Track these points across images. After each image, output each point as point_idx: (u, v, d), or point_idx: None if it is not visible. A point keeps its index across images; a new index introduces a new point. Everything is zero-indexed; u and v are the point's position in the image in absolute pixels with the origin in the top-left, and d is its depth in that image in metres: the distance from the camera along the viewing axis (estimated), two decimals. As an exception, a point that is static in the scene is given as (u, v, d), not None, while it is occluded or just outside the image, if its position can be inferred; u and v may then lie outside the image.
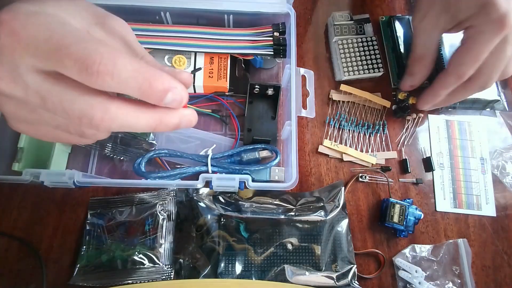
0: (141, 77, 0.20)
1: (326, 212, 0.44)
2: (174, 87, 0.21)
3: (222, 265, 0.41)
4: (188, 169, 0.41)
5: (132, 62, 0.20)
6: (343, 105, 0.50)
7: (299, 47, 0.52)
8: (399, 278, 0.43)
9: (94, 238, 0.41)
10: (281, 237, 0.43)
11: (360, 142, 0.49)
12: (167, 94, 0.21)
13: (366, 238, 0.45)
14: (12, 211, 0.43)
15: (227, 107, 0.47)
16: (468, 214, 0.47)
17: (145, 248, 0.41)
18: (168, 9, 0.44)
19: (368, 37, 0.51)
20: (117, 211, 0.43)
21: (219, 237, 0.42)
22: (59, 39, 0.20)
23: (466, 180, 0.48)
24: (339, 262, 0.42)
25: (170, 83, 0.21)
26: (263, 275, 0.41)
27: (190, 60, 0.45)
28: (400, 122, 0.50)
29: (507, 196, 0.48)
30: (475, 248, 0.45)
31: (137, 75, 0.20)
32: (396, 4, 0.56)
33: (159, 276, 0.40)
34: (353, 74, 0.50)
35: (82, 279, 0.40)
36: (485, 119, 0.51)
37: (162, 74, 0.21)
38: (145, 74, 0.20)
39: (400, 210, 0.44)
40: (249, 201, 0.44)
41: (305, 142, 0.48)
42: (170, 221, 0.42)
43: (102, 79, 0.19)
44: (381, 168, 0.48)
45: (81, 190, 0.44)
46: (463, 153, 0.50)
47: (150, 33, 0.44)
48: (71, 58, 0.19)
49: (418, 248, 0.44)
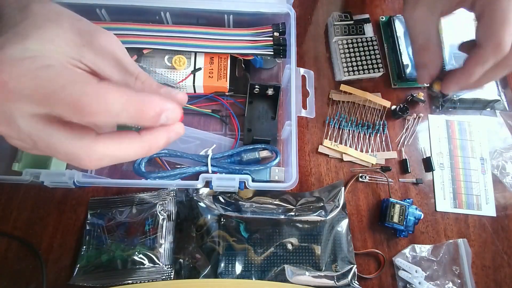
0: (132, 107, 0.20)
1: (326, 212, 0.44)
2: (166, 109, 0.22)
3: (222, 265, 0.41)
4: (188, 169, 0.41)
5: (122, 94, 0.20)
6: (343, 105, 0.50)
7: (299, 47, 0.52)
8: (399, 278, 0.43)
9: (94, 238, 0.41)
10: (281, 237, 0.43)
11: (360, 142, 0.49)
12: (160, 117, 0.21)
13: (366, 238, 0.45)
14: (12, 211, 0.43)
15: (227, 107, 0.47)
16: (468, 214, 0.47)
17: (145, 248, 0.41)
18: (168, 9, 0.44)
19: (368, 37, 0.51)
20: (117, 211, 0.43)
21: (219, 237, 0.42)
22: (47, 86, 0.20)
23: (466, 180, 0.48)
24: (339, 262, 0.42)
25: (162, 107, 0.21)
26: (263, 275, 0.41)
27: (190, 60, 0.45)
28: (400, 122, 0.50)
29: (507, 196, 0.48)
30: (475, 248, 0.45)
31: (129, 107, 0.20)
32: (396, 4, 0.56)
33: (159, 276, 0.40)
34: (353, 74, 0.49)
35: (82, 279, 0.40)
36: (485, 119, 0.51)
37: (153, 99, 0.21)
38: (136, 104, 0.20)
39: (400, 210, 0.44)
40: (249, 201, 0.44)
41: (305, 142, 0.48)
42: (170, 221, 0.42)
43: (96, 118, 0.20)
44: (381, 168, 0.48)
45: (81, 190, 0.44)
46: (463, 153, 0.50)
47: (150, 33, 0.44)
48: (62, 103, 0.20)
49: (418, 248, 0.44)
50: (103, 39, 0.24)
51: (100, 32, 0.25)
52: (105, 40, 0.24)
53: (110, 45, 0.25)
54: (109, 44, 0.24)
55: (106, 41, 0.24)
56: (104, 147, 0.22)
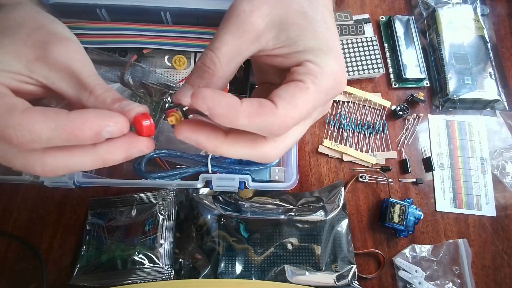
0: (64, 131, 0.20)
1: (326, 212, 0.44)
2: (105, 125, 0.20)
3: (222, 265, 0.41)
4: (188, 169, 0.41)
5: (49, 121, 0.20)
6: (343, 105, 0.50)
7: (299, 47, 0.52)
8: (399, 278, 0.43)
9: (94, 238, 0.41)
10: (281, 237, 0.43)
11: (360, 142, 0.49)
12: (101, 134, 0.20)
13: (366, 238, 0.45)
14: (12, 211, 0.43)
15: (227, 107, 0.47)
16: (468, 214, 0.47)
17: (145, 248, 0.41)
18: (168, 9, 0.44)
19: (368, 37, 0.51)
20: (117, 211, 0.43)
21: (219, 237, 0.42)
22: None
23: (466, 180, 0.48)
24: (339, 262, 0.42)
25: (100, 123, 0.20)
26: (263, 275, 0.41)
27: (190, 60, 0.45)
28: (400, 122, 0.50)
29: (507, 196, 0.48)
30: (475, 248, 0.45)
31: (59, 132, 0.20)
32: (396, 4, 0.56)
33: (159, 276, 0.40)
34: (353, 74, 0.49)
35: (82, 279, 0.40)
36: (485, 119, 0.51)
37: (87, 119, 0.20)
38: (67, 128, 0.20)
39: (400, 210, 0.44)
40: (249, 201, 0.44)
41: (305, 142, 0.48)
42: (170, 221, 0.42)
43: (27, 146, 0.20)
44: (381, 168, 0.48)
45: (81, 190, 0.44)
46: (463, 153, 0.50)
47: (150, 33, 0.44)
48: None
49: (418, 248, 0.44)
50: (58, 51, 0.23)
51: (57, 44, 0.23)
52: (60, 53, 0.23)
53: (66, 58, 0.23)
54: (64, 57, 0.23)
55: (62, 54, 0.23)
56: (54, 160, 0.21)
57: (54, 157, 0.21)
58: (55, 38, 0.24)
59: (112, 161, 0.22)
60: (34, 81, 0.23)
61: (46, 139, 0.20)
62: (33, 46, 0.23)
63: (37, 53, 0.23)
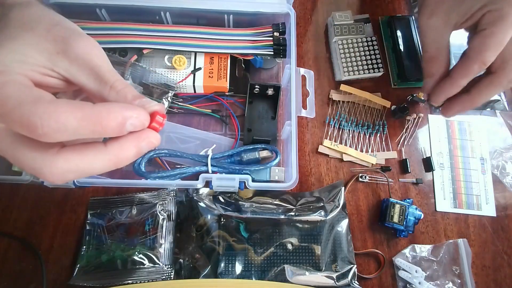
0: (90, 122, 0.20)
1: (326, 212, 0.44)
2: (129, 116, 0.21)
3: (222, 265, 0.41)
4: (188, 169, 0.41)
5: (76, 111, 0.20)
6: (343, 105, 0.50)
7: (299, 47, 0.52)
8: (399, 278, 0.43)
9: (94, 238, 0.41)
10: (281, 237, 0.43)
11: (360, 142, 0.49)
12: (125, 126, 0.21)
13: (366, 238, 0.45)
14: (12, 211, 0.43)
15: (227, 107, 0.47)
16: (468, 214, 0.47)
17: (145, 248, 0.41)
18: (168, 9, 0.44)
19: (368, 37, 0.51)
20: (117, 211, 0.43)
21: (219, 237, 0.42)
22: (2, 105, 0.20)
23: (466, 180, 0.48)
24: (339, 262, 0.42)
25: (124, 115, 0.21)
26: (263, 275, 0.41)
27: (190, 60, 0.45)
28: (400, 122, 0.50)
29: (507, 196, 0.48)
30: (475, 248, 0.45)
31: (85, 122, 0.20)
32: (396, 4, 0.56)
33: (159, 276, 0.40)
34: (353, 74, 0.49)
35: (82, 279, 0.39)
36: (485, 119, 0.51)
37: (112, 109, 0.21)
38: (94, 118, 0.20)
39: (400, 210, 0.44)
40: (249, 201, 0.44)
41: (305, 142, 0.48)
42: (170, 221, 0.42)
43: (51, 137, 0.19)
44: (381, 168, 0.48)
45: (81, 190, 0.44)
46: (463, 153, 0.50)
47: (150, 33, 0.44)
48: (16, 123, 0.19)
49: (418, 248, 0.44)
50: (79, 46, 0.23)
51: (77, 39, 0.24)
52: (81, 47, 0.23)
53: (87, 52, 0.24)
54: (85, 51, 0.24)
55: (83, 48, 0.24)
56: (65, 162, 0.21)
57: (66, 159, 0.21)
58: (74, 34, 0.24)
59: (125, 159, 0.23)
60: (56, 74, 0.23)
61: (72, 129, 0.20)
62: (53, 40, 0.23)
63: (58, 47, 0.23)
